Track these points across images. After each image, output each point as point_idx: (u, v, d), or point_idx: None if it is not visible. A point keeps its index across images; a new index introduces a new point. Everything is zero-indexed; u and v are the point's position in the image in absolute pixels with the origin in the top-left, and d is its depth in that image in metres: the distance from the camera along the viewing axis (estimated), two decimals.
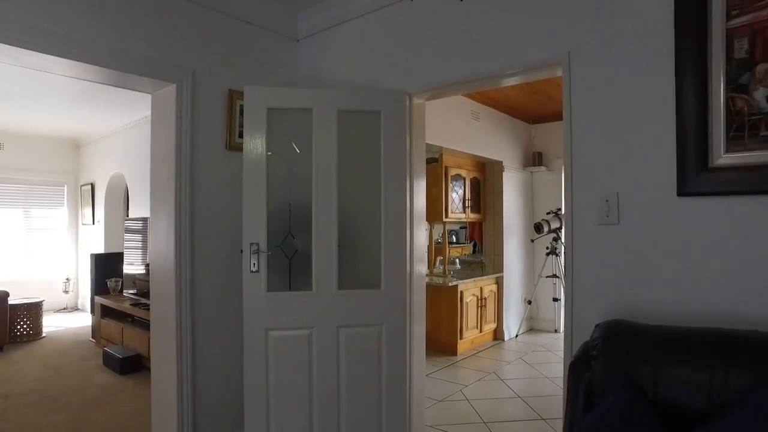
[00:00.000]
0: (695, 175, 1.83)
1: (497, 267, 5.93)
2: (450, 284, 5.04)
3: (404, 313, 2.77)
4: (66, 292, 7.41)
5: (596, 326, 1.87)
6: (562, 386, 4.29)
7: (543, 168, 6.34)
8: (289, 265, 2.68)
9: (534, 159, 6.41)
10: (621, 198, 2.04)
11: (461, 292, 5.18)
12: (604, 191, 2.08)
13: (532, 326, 6.44)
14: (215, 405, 2.88)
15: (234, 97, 2.97)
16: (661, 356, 1.60)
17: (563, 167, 2.21)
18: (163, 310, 2.81)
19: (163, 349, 2.81)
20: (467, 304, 5.27)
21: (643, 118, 1.99)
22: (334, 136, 2.67)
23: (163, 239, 2.81)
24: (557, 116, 6.22)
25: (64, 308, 7.50)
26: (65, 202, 7.82)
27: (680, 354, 1.57)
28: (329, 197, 2.66)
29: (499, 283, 5.88)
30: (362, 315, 2.69)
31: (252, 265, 2.56)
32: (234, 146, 2.95)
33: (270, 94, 2.63)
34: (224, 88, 2.97)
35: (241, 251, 2.58)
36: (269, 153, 2.63)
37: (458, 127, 5.13)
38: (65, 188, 7.81)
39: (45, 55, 2.30)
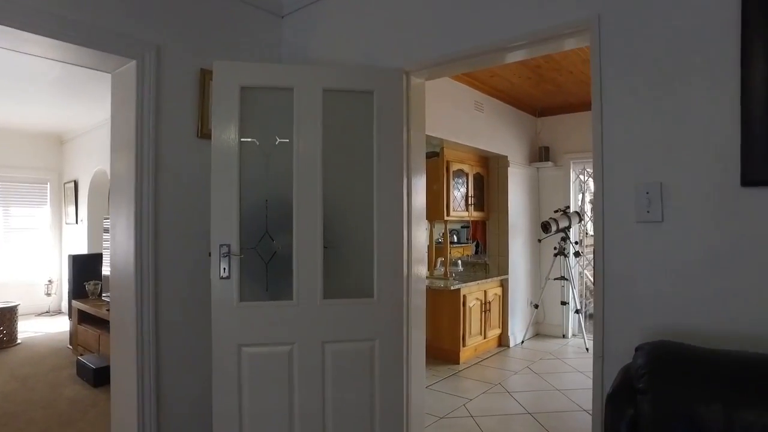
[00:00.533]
0: (765, 158, 1.44)
1: (502, 269, 5.55)
2: (452, 288, 4.66)
3: (401, 326, 2.38)
4: (48, 294, 7.03)
5: (638, 349, 1.49)
6: (575, 401, 3.96)
7: (550, 163, 5.96)
8: (266, 270, 2.29)
9: (540, 154, 6.02)
10: (665, 189, 1.65)
11: (464, 296, 4.80)
12: (643, 181, 1.70)
13: (538, 331, 6.06)
14: (184, 429, 2.50)
15: (207, 78, 2.59)
16: (737, 393, 1.21)
17: (592, 153, 1.83)
18: (122, 320, 2.43)
19: (123, 366, 2.43)
20: (470, 309, 4.89)
21: (694, 90, 1.60)
22: (318, 121, 2.29)
23: (123, 239, 2.42)
24: (565, 108, 5.83)
25: (46, 312, 7.12)
26: (48, 200, 7.44)
27: (766, 391, 1.19)
28: (313, 192, 2.28)
29: (504, 285, 5.49)
30: (352, 328, 2.31)
31: (222, 271, 2.18)
32: (206, 134, 2.56)
33: (243, 70, 2.25)
34: (195, 67, 2.59)
35: (210, 254, 2.20)
36: (243, 140, 2.24)
37: (461, 119, 4.75)
38: (48, 186, 7.43)
39: None
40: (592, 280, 6.30)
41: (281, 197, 2.29)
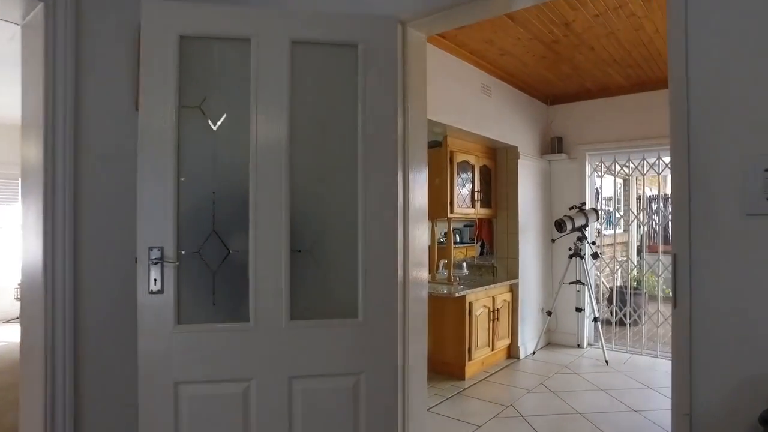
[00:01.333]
0: None
1: (511, 272, 4.97)
2: (457, 294, 4.08)
3: (394, 354, 1.81)
4: (18, 299, 6.46)
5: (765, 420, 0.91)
6: (603, 429, 3.39)
7: (563, 155, 5.37)
8: (214, 281, 1.72)
9: (553, 145, 5.44)
10: None
11: (470, 303, 4.22)
12: (756, 154, 1.11)
13: (550, 340, 5.48)
14: None
15: None
16: None
17: (669, 113, 1.24)
18: (30, 346, 1.86)
19: (30, 404, 1.86)
20: (477, 317, 4.31)
21: None
22: (285, 84, 1.71)
23: (33, 245, 1.85)
24: (581, 95, 5.25)
25: (16, 318, 6.54)
26: (20, 197, 6.85)
27: None
28: (277, 179, 1.70)
29: (513, 291, 4.91)
30: (329, 359, 1.73)
31: (152, 283, 1.61)
32: None
33: (183, 12, 1.67)
34: (132, 20, 2.01)
35: (136, 260, 1.62)
36: (184, 109, 1.67)
37: (466, 103, 4.17)
38: (19, 182, 6.84)
39: None
40: (607, 285, 5.72)
41: (235, 185, 1.72)
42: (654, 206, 8.10)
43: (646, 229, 8.72)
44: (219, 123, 1.73)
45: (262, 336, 1.68)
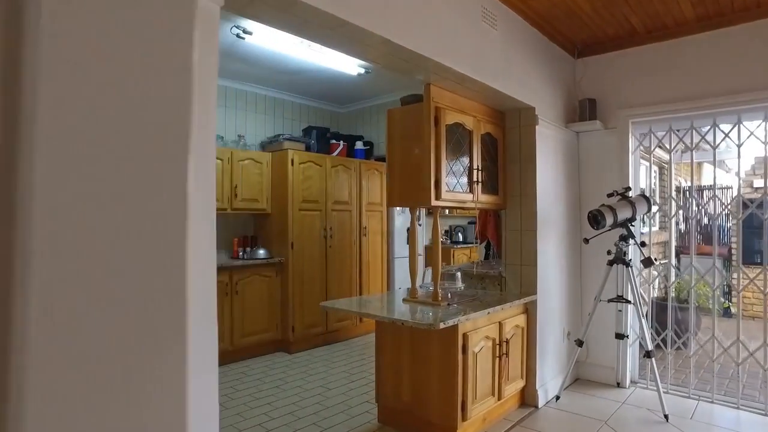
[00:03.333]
0: None
1: (527, 284, 3.54)
2: (443, 325, 2.64)
3: None
4: None
5: None
6: None
7: (597, 124, 3.93)
8: None
9: (583, 110, 4.00)
10: None
11: (465, 336, 2.81)
12: None
13: (578, 374, 4.05)
14: None
15: None
16: None
17: None
18: None
19: None
20: (476, 356, 2.90)
21: None
22: None
23: None
24: (622, 40, 3.80)
25: None
26: None
27: None
28: None
29: (529, 312, 3.49)
30: None
31: None
32: None
33: None
34: None
35: None
36: None
37: (458, 32, 2.75)
38: None
39: None
40: (645, 298, 4.26)
41: None
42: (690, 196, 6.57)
43: (686, 226, 7.23)
44: None
45: None
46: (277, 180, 5.40)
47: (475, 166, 3.25)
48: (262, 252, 5.28)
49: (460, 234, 9.42)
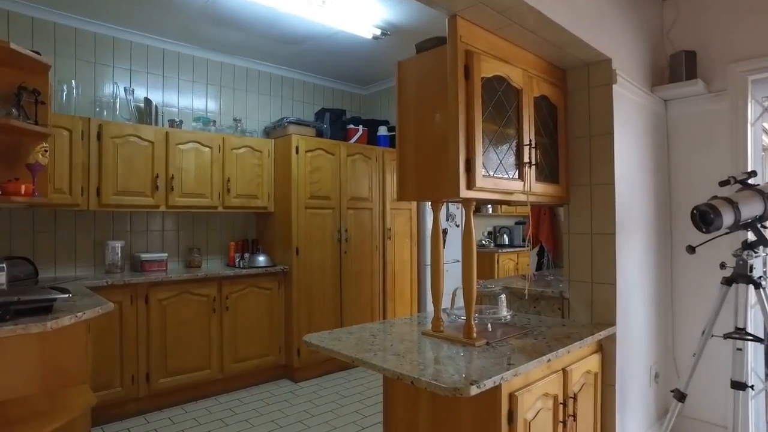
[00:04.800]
0: None
1: (601, 311, 2.55)
2: (478, 388, 1.69)
3: None
4: None
5: None
6: None
7: (699, 85, 2.89)
8: None
9: (676, 68, 2.96)
10: None
11: (512, 398, 1.85)
12: None
13: (674, 429, 3.00)
14: None
15: None
16: None
17: None
18: None
19: None
20: (529, 425, 1.94)
21: None
22: None
23: None
24: None
25: None
26: None
27: None
28: None
29: (605, 351, 2.50)
30: None
31: None
32: None
33: None
34: None
35: None
36: None
37: None
38: None
39: None
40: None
41: None
42: None
43: None
44: None
45: None
46: (281, 172, 4.57)
47: (526, 141, 2.29)
48: (261, 259, 4.46)
49: (505, 236, 8.36)
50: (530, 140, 2.31)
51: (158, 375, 3.72)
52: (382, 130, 5.35)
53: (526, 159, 2.28)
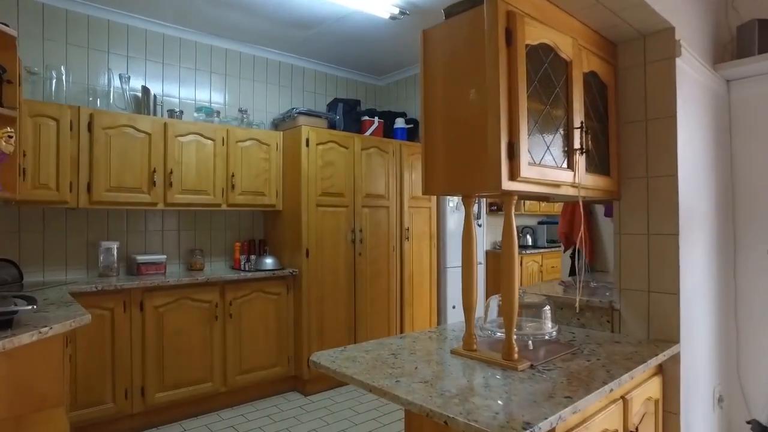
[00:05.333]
0: None
1: (660, 325, 2.19)
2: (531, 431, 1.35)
3: None
4: None
5: None
6: None
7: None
8: None
9: (745, 40, 2.58)
10: None
11: None
12: None
13: None
14: None
15: None
16: None
17: None
18: None
19: None
20: None
21: None
22: None
23: None
24: None
25: None
26: None
27: None
28: None
29: (666, 373, 2.14)
30: None
31: None
32: None
33: None
34: None
35: None
36: None
37: None
38: None
39: None
40: None
41: None
42: None
43: None
44: None
45: None
46: (290, 167, 4.26)
47: (576, 123, 1.94)
48: (269, 262, 4.15)
49: (528, 236, 7.96)
50: (581, 123, 1.95)
51: (154, 389, 3.42)
52: (400, 122, 5.02)
53: (576, 145, 1.93)
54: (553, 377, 1.66)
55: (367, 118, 4.84)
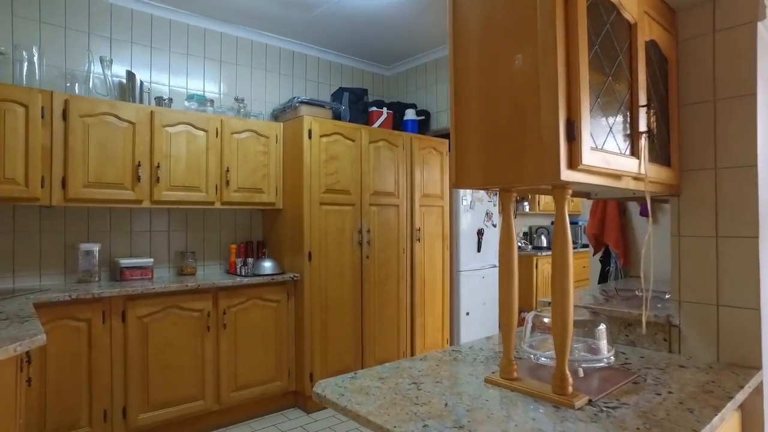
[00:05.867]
0: None
1: (733, 345, 1.84)
2: None
3: None
4: None
5: None
6: None
7: None
8: None
9: None
10: None
11: None
12: None
13: None
14: None
15: None
16: None
17: None
18: None
19: None
20: None
21: None
22: None
23: None
24: None
25: None
26: None
27: None
28: None
29: (746, 408, 1.77)
30: None
31: None
32: None
33: None
34: None
35: None
36: None
37: None
38: None
39: None
40: None
41: None
42: None
43: None
44: None
45: None
46: (291, 161, 3.92)
47: (642, 101, 1.58)
48: (268, 265, 3.81)
49: (543, 237, 7.61)
50: (648, 100, 1.60)
51: (138, 409, 3.08)
52: (410, 114, 4.67)
53: (642, 127, 1.58)
54: (625, 420, 1.31)
55: (375, 109, 4.50)
